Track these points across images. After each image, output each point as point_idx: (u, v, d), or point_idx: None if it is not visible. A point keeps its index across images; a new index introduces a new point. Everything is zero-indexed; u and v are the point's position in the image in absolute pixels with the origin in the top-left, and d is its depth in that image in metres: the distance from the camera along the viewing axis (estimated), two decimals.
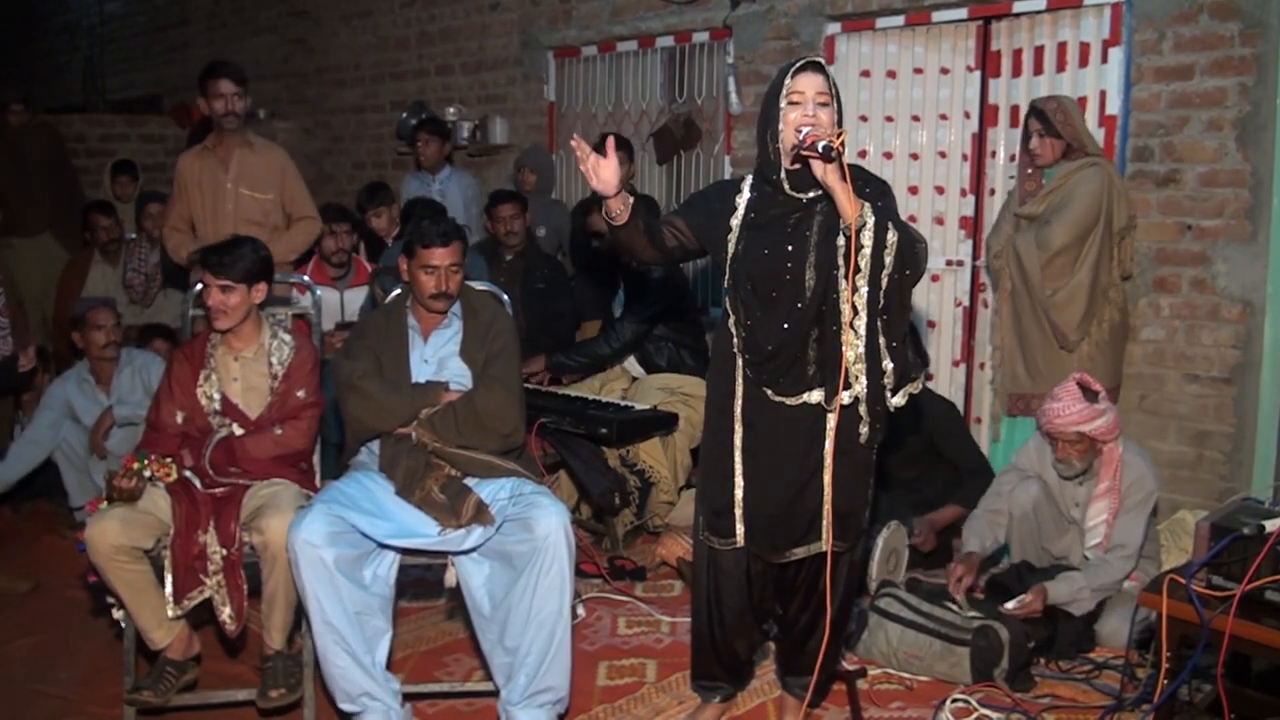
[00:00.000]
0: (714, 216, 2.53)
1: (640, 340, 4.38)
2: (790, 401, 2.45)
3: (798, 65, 2.38)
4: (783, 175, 2.42)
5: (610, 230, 2.50)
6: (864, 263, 2.30)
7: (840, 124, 2.41)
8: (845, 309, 2.34)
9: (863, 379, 2.38)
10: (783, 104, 2.37)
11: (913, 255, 2.34)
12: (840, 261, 2.33)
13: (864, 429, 2.43)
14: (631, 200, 2.46)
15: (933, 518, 3.76)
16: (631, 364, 4.53)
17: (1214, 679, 2.55)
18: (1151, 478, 3.25)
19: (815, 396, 2.44)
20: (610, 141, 2.38)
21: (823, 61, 2.41)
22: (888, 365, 2.38)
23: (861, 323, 2.34)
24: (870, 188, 2.41)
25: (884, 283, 2.32)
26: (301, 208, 4.43)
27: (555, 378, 4.52)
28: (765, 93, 2.43)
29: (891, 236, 2.30)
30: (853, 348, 2.35)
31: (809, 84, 2.36)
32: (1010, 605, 3.15)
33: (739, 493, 2.54)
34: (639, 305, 4.32)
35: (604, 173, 2.37)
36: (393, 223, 5.18)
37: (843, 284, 2.33)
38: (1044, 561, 3.38)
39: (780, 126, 2.37)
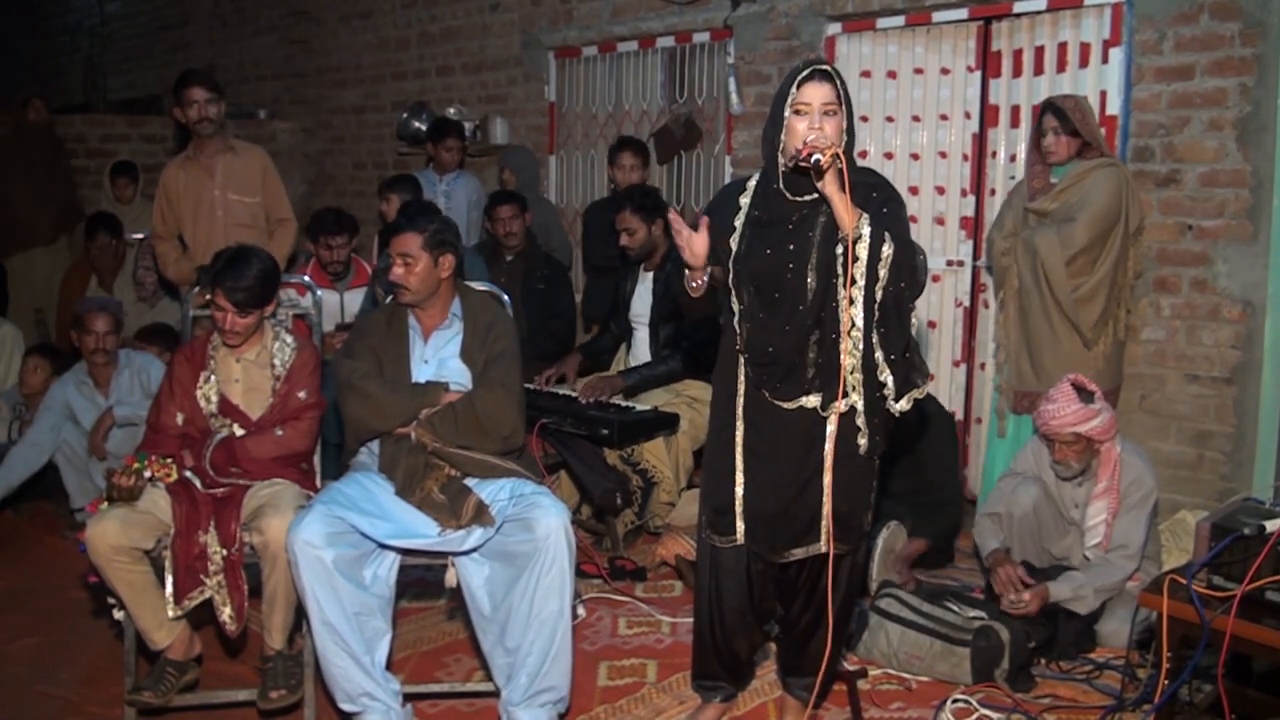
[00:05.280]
0: (718, 223, 2.53)
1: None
2: (787, 405, 2.45)
3: (805, 74, 2.34)
4: (782, 182, 2.42)
5: (684, 296, 2.59)
6: (859, 274, 2.29)
7: (851, 129, 2.38)
8: (844, 317, 2.33)
9: (860, 389, 2.38)
10: (788, 113, 2.35)
11: (910, 270, 2.32)
12: (839, 270, 2.33)
13: (862, 440, 2.43)
14: (709, 276, 2.54)
15: (904, 556, 3.69)
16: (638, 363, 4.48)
17: (1214, 679, 2.55)
18: (1150, 476, 3.25)
19: (812, 401, 2.43)
20: (705, 221, 2.47)
21: (830, 69, 2.36)
22: (886, 378, 2.36)
23: (859, 333, 2.33)
24: (878, 193, 2.39)
25: (878, 295, 2.30)
26: (280, 209, 4.44)
27: (559, 378, 4.50)
28: (775, 95, 2.41)
29: (887, 250, 2.27)
30: (851, 356, 2.35)
31: (815, 94, 2.32)
32: (1007, 601, 3.15)
33: (739, 490, 2.54)
34: (681, 340, 4.14)
35: (697, 247, 2.45)
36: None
37: (841, 292, 2.33)
38: (1044, 562, 3.37)
39: (784, 136, 2.36)
